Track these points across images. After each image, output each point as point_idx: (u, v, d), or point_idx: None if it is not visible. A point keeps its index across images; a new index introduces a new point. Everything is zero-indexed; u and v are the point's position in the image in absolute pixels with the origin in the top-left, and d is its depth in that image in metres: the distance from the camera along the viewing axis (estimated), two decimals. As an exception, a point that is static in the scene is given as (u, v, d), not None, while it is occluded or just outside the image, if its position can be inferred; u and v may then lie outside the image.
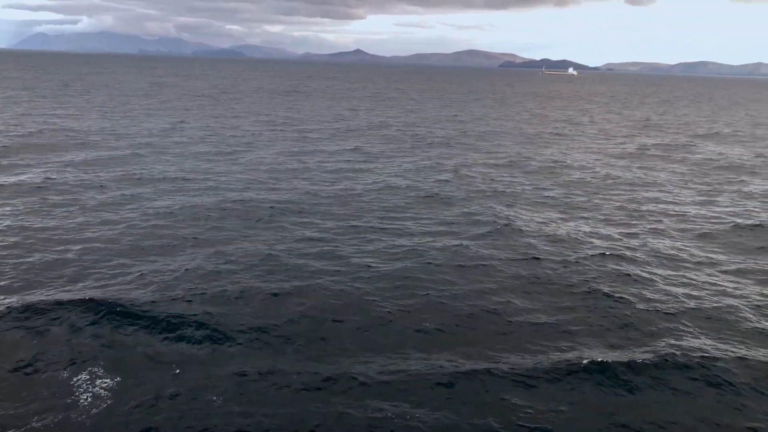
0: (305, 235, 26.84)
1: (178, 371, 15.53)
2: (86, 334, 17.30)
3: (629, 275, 22.95)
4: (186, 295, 19.71)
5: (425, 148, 55.05)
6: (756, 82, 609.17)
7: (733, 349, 17.40)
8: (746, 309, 20.28)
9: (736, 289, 22.22)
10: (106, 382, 14.99)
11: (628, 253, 25.61)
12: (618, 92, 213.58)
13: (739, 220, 31.85)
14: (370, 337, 17.84)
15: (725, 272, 24.00)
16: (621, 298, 20.81)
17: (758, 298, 21.42)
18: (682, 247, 27.11)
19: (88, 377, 15.18)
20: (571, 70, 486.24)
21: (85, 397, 14.39)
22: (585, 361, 16.31)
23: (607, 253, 25.39)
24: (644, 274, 23.14)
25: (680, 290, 21.78)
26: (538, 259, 24.66)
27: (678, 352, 16.97)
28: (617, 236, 28.41)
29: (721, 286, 22.44)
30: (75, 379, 15.06)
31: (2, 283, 20.38)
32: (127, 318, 18.15)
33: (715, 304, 20.61)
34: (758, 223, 31.47)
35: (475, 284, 21.87)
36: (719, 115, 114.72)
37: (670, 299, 20.90)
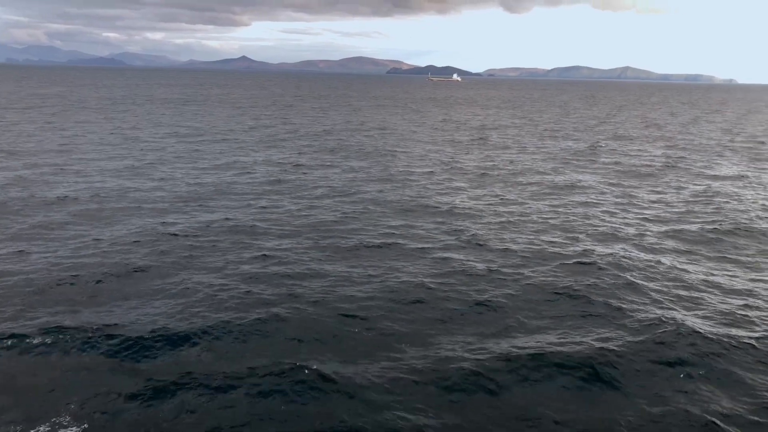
0: (256, 257, 24.49)
1: (153, 421, 13.24)
2: (37, 378, 14.78)
3: (604, 278, 22.41)
4: (145, 335, 17.04)
5: (348, 156, 53.30)
6: (626, 85, 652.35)
7: (719, 340, 17.28)
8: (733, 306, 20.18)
9: (706, 285, 22.17)
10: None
11: (593, 258, 25.11)
12: (509, 97, 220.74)
13: (691, 218, 32.58)
14: (365, 348, 16.34)
15: (694, 271, 23.97)
16: (598, 300, 20.33)
17: (729, 292, 21.48)
18: (642, 246, 27.03)
19: (48, 429, 12.84)
20: (455, 76, 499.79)
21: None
22: (579, 359, 16.07)
23: (572, 261, 24.83)
24: (619, 275, 22.73)
25: (654, 287, 21.43)
26: (510, 267, 23.66)
27: (666, 346, 16.98)
28: (578, 239, 28.02)
29: (694, 283, 22.35)
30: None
31: None
32: (84, 360, 15.67)
33: (695, 301, 20.42)
34: (707, 221, 32.19)
35: (459, 294, 20.59)
36: (615, 117, 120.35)
37: (647, 298, 20.46)
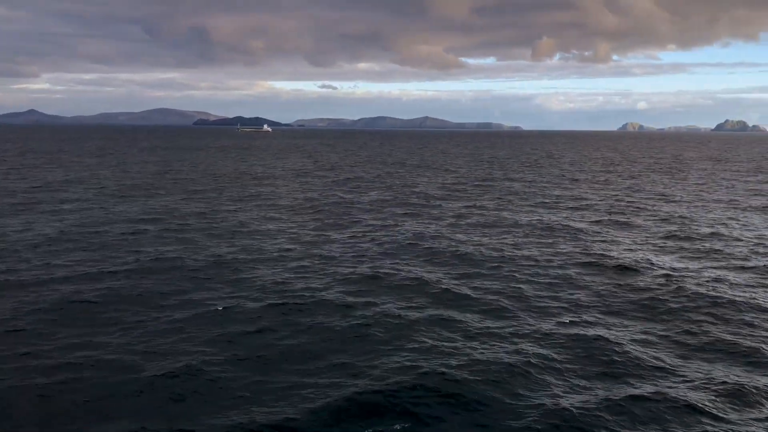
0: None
1: None
2: None
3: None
4: None
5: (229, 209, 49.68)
6: (427, 133, 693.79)
7: None
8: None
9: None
10: None
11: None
12: (340, 145, 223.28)
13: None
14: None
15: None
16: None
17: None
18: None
19: None
20: (266, 127, 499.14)
21: None
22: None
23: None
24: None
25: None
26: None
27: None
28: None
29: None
30: None
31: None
32: None
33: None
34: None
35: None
36: (462, 162, 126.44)
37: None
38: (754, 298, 25.20)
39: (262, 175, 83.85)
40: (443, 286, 26.61)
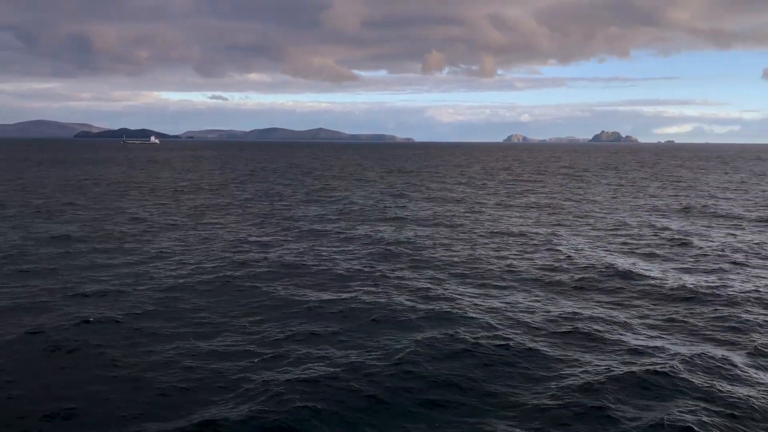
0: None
1: None
2: None
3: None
4: None
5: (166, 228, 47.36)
6: (324, 144, 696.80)
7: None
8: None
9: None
10: None
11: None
12: (243, 156, 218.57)
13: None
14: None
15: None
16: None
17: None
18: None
19: None
20: (153, 139, 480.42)
21: None
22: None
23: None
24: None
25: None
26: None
27: None
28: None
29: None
30: None
31: None
32: None
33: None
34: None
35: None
36: (377, 173, 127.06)
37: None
38: (726, 287, 27.55)
39: (185, 188, 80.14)
40: (443, 290, 26.96)
